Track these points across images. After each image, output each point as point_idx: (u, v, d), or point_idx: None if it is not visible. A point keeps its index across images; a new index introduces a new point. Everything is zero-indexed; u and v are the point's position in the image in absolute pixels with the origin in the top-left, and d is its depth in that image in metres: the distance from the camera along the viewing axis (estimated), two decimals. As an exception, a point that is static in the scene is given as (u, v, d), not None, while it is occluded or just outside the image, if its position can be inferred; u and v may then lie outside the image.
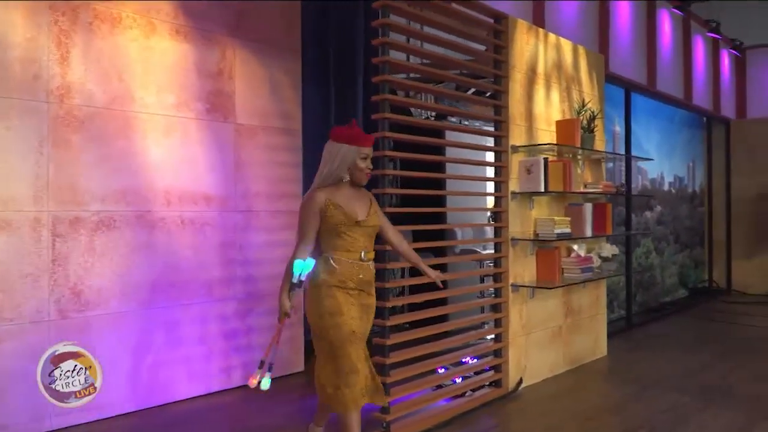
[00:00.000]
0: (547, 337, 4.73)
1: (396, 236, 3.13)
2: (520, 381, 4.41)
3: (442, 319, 4.41)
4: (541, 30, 4.71)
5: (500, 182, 4.32)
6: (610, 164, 7.04)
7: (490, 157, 4.44)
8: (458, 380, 4.19)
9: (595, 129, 4.94)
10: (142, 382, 4.01)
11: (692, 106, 8.30)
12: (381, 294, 3.41)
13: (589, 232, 4.84)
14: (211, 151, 4.40)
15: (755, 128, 9.08)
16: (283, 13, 4.79)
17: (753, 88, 9.71)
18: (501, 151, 4.32)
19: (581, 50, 5.17)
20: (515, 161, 4.39)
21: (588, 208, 4.83)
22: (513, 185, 4.36)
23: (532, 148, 4.48)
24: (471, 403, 4.03)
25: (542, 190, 4.36)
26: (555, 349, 4.81)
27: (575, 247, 4.90)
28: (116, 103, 3.91)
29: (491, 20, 4.29)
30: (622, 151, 7.01)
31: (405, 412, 3.62)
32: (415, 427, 3.59)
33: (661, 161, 8.30)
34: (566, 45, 4.99)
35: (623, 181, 6.53)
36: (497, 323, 4.33)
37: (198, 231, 4.33)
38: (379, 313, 3.48)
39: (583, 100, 4.97)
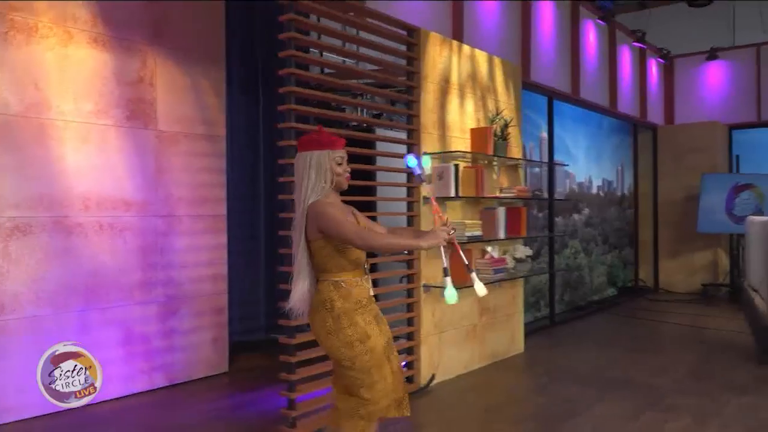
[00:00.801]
0: (461, 335, 4.95)
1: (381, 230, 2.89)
2: (432, 377, 4.62)
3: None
4: (455, 42, 4.93)
5: (412, 188, 4.52)
6: (537, 169, 7.35)
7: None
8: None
9: (509, 136, 5.17)
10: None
11: (618, 114, 8.66)
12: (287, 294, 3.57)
13: (502, 235, 5.08)
14: (131, 157, 4.50)
15: (681, 133, 9.51)
16: (206, 21, 4.90)
17: (681, 95, 10.17)
18: (413, 158, 4.51)
19: (497, 61, 5.42)
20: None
21: (501, 211, 5.07)
22: (425, 191, 4.56)
23: (446, 155, 4.69)
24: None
25: (453, 195, 4.57)
26: (470, 347, 5.03)
27: (489, 248, 5.13)
28: (32, 110, 3.99)
29: (404, 33, 4.48)
30: (552, 156, 7.32)
31: (315, 407, 3.78)
32: (322, 422, 3.75)
33: (590, 166, 8.64)
34: (481, 56, 5.22)
35: (543, 186, 6.80)
36: (410, 322, 4.53)
37: (117, 236, 4.42)
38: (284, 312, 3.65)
39: (497, 109, 5.21)
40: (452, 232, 2.58)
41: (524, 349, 5.73)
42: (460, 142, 4.93)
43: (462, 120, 4.97)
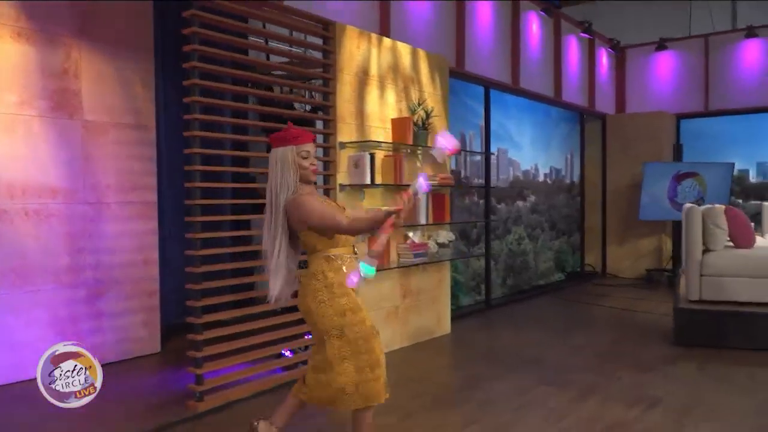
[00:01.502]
0: (382, 316, 5.18)
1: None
2: (351, 356, 4.84)
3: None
4: (374, 35, 5.12)
5: (329, 175, 4.73)
6: (477, 158, 7.56)
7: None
8: (287, 353, 4.59)
9: (430, 126, 5.37)
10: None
11: (564, 103, 8.88)
12: (193, 277, 3.79)
13: (423, 220, 5.30)
14: (57, 146, 4.67)
15: (630, 122, 9.74)
16: (133, 13, 5.05)
17: (632, 85, 10.39)
18: (329, 147, 4.72)
19: (421, 53, 5.61)
20: (344, 156, 4.80)
21: (423, 198, 5.28)
22: (342, 178, 4.77)
23: (363, 144, 4.90)
24: (296, 374, 4.44)
25: (368, 182, 4.78)
26: (391, 327, 5.26)
27: (410, 234, 5.35)
28: (-47, 101, 4.15)
29: (319, 27, 4.67)
30: (489, 146, 7.54)
31: (222, 383, 4.00)
32: (228, 397, 3.97)
33: (536, 154, 8.87)
34: (404, 48, 5.41)
35: (475, 174, 7.00)
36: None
37: (43, 222, 4.60)
38: (194, 293, 3.86)
39: (418, 100, 5.41)
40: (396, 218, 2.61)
41: (451, 331, 5.96)
42: (381, 132, 5.13)
43: (382, 110, 5.17)
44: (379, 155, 5.09)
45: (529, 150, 8.71)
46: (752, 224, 6.08)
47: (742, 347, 5.12)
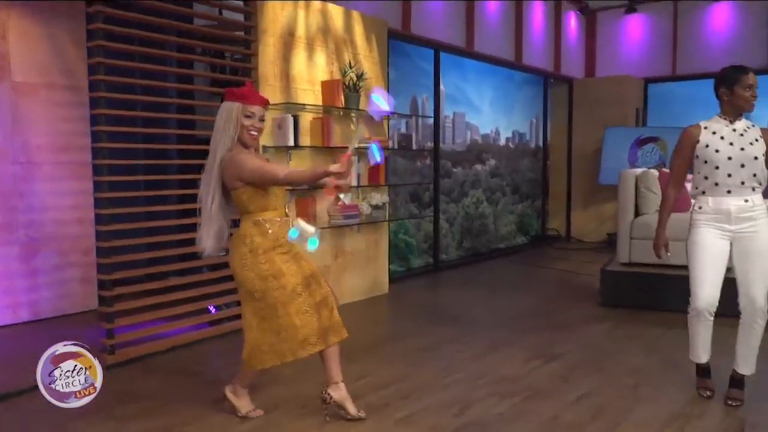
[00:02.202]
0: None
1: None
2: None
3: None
4: (300, -3, 5.14)
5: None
6: (429, 121, 7.59)
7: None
8: (212, 310, 4.72)
9: (361, 88, 5.41)
10: None
11: (525, 67, 8.85)
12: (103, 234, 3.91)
13: (354, 182, 5.38)
14: (-15, 107, 4.75)
15: (597, 86, 9.72)
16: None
17: (602, 49, 10.33)
18: (251, 109, 4.77)
19: (355, 15, 5.62)
20: (268, 118, 4.85)
21: (353, 160, 5.35)
22: (265, 139, 4.84)
23: (288, 105, 4.96)
24: (215, 330, 4.60)
25: (291, 144, 4.86)
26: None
27: (342, 196, 5.44)
28: None
29: (241, -12, 4.69)
30: (446, 109, 7.59)
31: (133, 337, 4.15)
32: (140, 351, 4.13)
33: (497, 117, 8.88)
34: (335, 10, 5.43)
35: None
36: (251, 263, 4.86)
37: (-28, 181, 4.71)
38: (102, 251, 3.99)
39: (349, 62, 5.44)
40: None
41: (389, 291, 6.10)
42: (310, 94, 5.18)
43: (311, 72, 5.21)
44: (308, 117, 5.14)
45: (489, 114, 8.72)
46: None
47: (665, 309, 5.21)
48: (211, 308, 4.70)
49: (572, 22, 9.96)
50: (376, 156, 2.74)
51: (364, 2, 6.09)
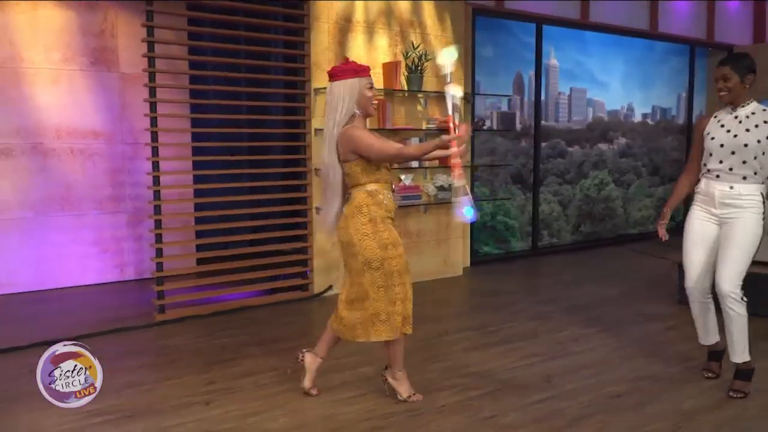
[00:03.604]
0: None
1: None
2: (330, 287, 5.27)
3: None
4: (359, -18, 5.25)
5: (304, 120, 5.08)
6: (542, 97, 7.26)
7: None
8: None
9: (425, 69, 5.40)
10: (43, 269, 5.45)
11: (663, 35, 8.01)
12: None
13: (415, 164, 5.43)
14: (97, 95, 5.60)
15: (763, 53, 8.45)
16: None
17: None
18: (304, 94, 5.06)
19: (424, -5, 5.60)
20: (321, 102, 5.09)
21: (413, 141, 5.39)
22: (318, 123, 5.09)
23: (342, 89, 5.13)
24: (270, 299, 5.03)
25: (341, 127, 5.04)
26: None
27: (402, 177, 5.52)
28: (7, 62, 5.21)
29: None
30: (560, 85, 7.23)
31: (184, 299, 4.70)
32: (191, 311, 4.67)
33: (630, 92, 8.18)
34: (401, -8, 5.46)
35: (487, 117, 6.78)
36: (304, 239, 5.19)
37: (87, 159, 5.61)
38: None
39: (412, 44, 5.44)
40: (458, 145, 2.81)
41: (464, 274, 6.06)
42: (369, 77, 5.29)
43: (371, 55, 5.32)
44: (366, 100, 5.28)
45: (619, 89, 8.06)
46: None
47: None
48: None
49: (737, -20, 8.73)
50: (469, 215, 2.87)
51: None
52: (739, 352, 3.21)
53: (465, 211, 2.88)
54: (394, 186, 3.15)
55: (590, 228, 7.91)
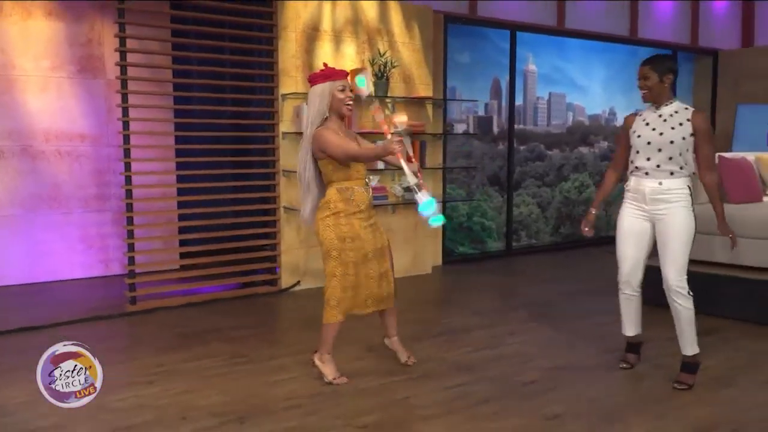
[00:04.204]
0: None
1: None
2: (297, 282, 5.55)
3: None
4: (326, -7, 5.53)
5: (273, 124, 5.37)
6: (519, 102, 7.46)
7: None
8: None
9: (391, 76, 5.66)
10: (31, 263, 5.81)
11: (643, 41, 8.16)
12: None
13: (380, 165, 5.68)
14: (84, 101, 5.95)
15: (745, 58, 8.56)
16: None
17: (762, 18, 9.04)
18: (272, 99, 5.35)
19: (393, 4, 5.84)
20: (289, 107, 5.38)
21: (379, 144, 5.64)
22: (285, 127, 5.38)
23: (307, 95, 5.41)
24: (239, 292, 5.32)
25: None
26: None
27: (369, 178, 5.75)
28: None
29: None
30: (538, 90, 7.44)
31: (154, 291, 5.02)
32: (161, 302, 4.98)
33: (613, 96, 8.34)
34: (367, 2, 5.71)
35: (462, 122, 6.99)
36: (272, 237, 5.48)
37: (74, 160, 5.96)
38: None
39: (379, 51, 5.70)
40: (398, 141, 3.08)
41: (433, 272, 6.29)
42: (336, 83, 5.56)
43: (339, 63, 5.56)
44: (334, 105, 5.54)
45: (600, 94, 8.22)
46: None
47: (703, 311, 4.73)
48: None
49: (722, -12, 8.84)
50: (437, 221, 3.20)
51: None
52: (689, 345, 3.36)
53: (431, 219, 3.14)
54: (370, 182, 3.43)
55: (570, 230, 8.07)
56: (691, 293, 3.31)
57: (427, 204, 3.11)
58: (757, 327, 4.38)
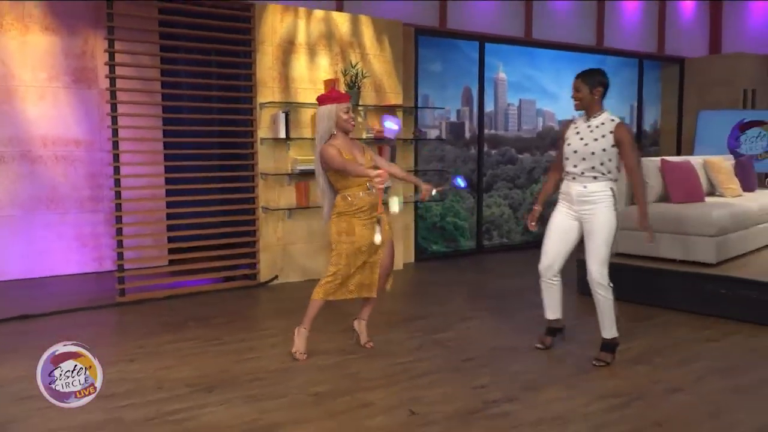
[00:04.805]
0: (313, 249, 6.18)
1: (387, 165, 4.10)
2: (275, 277, 5.99)
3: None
4: (301, 9, 5.98)
5: (251, 131, 5.83)
6: (490, 108, 7.92)
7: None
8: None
9: (362, 84, 6.11)
10: (30, 260, 6.26)
11: (609, 50, 8.61)
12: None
13: (353, 169, 6.13)
14: (79, 109, 6.41)
15: (709, 66, 9.02)
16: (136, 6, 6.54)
17: (729, 24, 9.50)
18: (251, 108, 5.80)
19: (364, 19, 6.30)
20: (266, 115, 5.84)
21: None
22: (263, 133, 5.83)
23: (284, 104, 5.88)
24: (222, 285, 5.77)
25: (283, 136, 5.78)
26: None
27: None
28: (0, 81, 6.05)
29: (239, 9, 5.71)
30: (509, 97, 7.89)
31: (144, 284, 5.47)
32: (145, 296, 5.43)
33: (581, 103, 8.77)
34: (341, 18, 6.18)
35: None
36: (252, 235, 5.93)
37: (69, 165, 6.42)
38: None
39: (350, 62, 6.15)
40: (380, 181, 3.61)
41: (403, 268, 6.73)
42: (311, 93, 6.00)
43: (313, 73, 6.04)
44: (309, 112, 6.00)
45: (571, 100, 8.63)
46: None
47: (641, 302, 5.15)
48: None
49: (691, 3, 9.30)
50: (461, 184, 4.10)
51: (402, 3, 6.71)
52: (608, 329, 3.81)
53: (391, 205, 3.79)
54: (371, 187, 3.85)
55: (541, 229, 8.48)
56: (611, 284, 3.74)
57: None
58: (689, 316, 4.81)
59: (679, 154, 9.34)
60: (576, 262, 5.62)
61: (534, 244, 8.39)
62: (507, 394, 3.36)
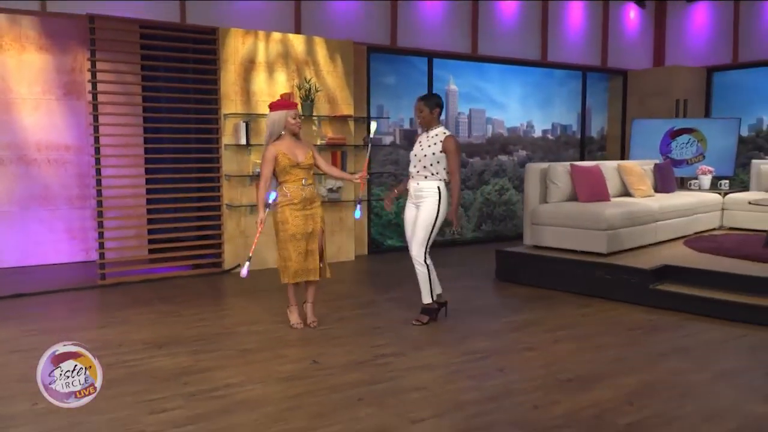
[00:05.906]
0: (270, 241, 7.03)
1: (325, 165, 4.75)
2: (238, 265, 6.86)
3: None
4: (261, 32, 6.86)
5: (216, 138, 6.71)
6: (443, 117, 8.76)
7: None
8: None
9: (316, 98, 6.99)
10: (25, 250, 7.16)
11: (553, 64, 9.46)
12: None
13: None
14: (69, 118, 7.31)
15: (649, 78, 9.85)
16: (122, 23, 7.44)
17: (672, 38, 10.32)
18: (216, 118, 6.69)
19: (318, 40, 7.18)
20: (230, 124, 6.72)
21: (306, 154, 6.96)
22: (227, 140, 6.71)
23: (246, 115, 6.75)
24: (191, 272, 6.64)
25: (243, 143, 6.67)
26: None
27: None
28: (0, 94, 6.96)
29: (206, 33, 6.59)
30: (460, 107, 8.75)
31: (122, 269, 6.35)
32: (126, 278, 6.31)
33: (530, 111, 9.64)
34: (296, 39, 7.06)
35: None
36: (218, 228, 6.81)
37: (60, 167, 7.32)
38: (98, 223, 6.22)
39: (304, 78, 7.03)
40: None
41: (354, 259, 7.59)
42: (270, 104, 6.88)
43: (272, 88, 6.92)
44: (268, 122, 6.87)
45: (518, 109, 9.52)
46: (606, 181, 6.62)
47: (543, 286, 5.99)
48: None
49: (632, 13, 10.14)
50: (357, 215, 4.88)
51: (356, 23, 7.59)
52: (424, 296, 4.78)
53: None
54: (306, 183, 4.59)
55: (491, 227, 9.36)
56: (426, 263, 4.69)
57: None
58: (578, 297, 5.65)
59: (623, 158, 10.18)
60: (495, 253, 6.51)
61: (485, 240, 9.29)
62: (397, 351, 4.22)
